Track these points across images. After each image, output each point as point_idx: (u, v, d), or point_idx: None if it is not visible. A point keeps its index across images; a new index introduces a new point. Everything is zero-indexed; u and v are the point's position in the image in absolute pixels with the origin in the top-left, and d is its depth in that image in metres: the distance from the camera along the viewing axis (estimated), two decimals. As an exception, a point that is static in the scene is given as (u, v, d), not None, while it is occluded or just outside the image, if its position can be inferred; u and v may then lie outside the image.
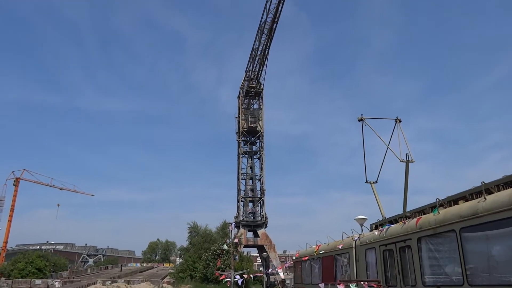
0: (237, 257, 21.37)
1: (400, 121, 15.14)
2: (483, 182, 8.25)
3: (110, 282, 37.95)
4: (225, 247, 26.80)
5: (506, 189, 7.82)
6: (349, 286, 10.01)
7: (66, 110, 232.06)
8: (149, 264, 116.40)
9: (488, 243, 8.00)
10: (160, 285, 37.10)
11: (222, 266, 34.69)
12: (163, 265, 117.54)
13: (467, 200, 8.92)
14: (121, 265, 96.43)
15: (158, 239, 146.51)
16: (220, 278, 12.36)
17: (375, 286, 10.04)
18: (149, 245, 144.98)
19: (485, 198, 7.83)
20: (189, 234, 63.11)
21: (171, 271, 62.72)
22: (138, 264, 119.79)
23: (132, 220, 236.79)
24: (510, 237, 7.06)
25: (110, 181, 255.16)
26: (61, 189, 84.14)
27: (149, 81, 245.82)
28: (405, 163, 13.60)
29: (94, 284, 34.00)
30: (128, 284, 36.57)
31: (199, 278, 42.92)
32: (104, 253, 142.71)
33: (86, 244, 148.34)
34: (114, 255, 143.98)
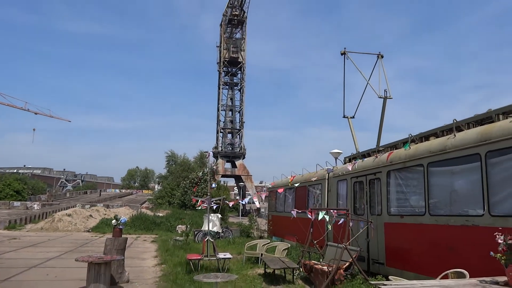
0: (214, 184, 21.98)
1: (382, 57, 15.03)
2: (455, 119, 8.48)
3: (89, 206, 38.79)
4: (200, 174, 27.48)
5: (476, 127, 8.08)
6: (318, 213, 10.53)
7: (40, 31, 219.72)
8: (128, 191, 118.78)
9: (452, 177, 8.43)
10: (139, 210, 38.21)
11: (200, 193, 35.80)
12: (142, 191, 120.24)
13: (438, 137, 9.22)
14: (100, 191, 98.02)
15: (137, 167, 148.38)
16: (198, 205, 12.74)
17: (343, 213, 10.60)
18: (128, 172, 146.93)
19: (454, 135, 8.10)
20: (167, 162, 63.94)
21: (150, 197, 64.42)
22: (117, 190, 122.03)
23: (111, 147, 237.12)
24: (474, 173, 7.42)
25: (89, 108, 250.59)
26: (36, 113, 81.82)
27: (127, 4, 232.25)
28: (382, 99, 13.75)
29: (73, 207, 34.70)
30: (107, 208, 37.51)
31: (177, 205, 44.31)
32: (82, 179, 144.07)
33: (64, 169, 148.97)
34: (93, 181, 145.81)
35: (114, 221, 9.95)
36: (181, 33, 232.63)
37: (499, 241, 5.51)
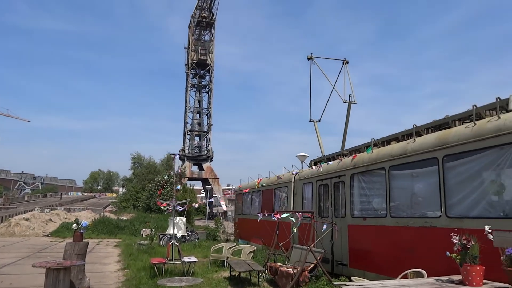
0: (179, 186, 21.70)
1: (347, 63, 15.40)
2: (415, 125, 8.80)
3: (49, 209, 37.31)
4: (166, 177, 27.03)
5: (434, 132, 8.41)
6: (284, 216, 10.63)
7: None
8: (91, 194, 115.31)
9: (412, 180, 8.74)
10: (102, 213, 37.13)
11: (165, 196, 35.20)
12: (106, 194, 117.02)
13: (399, 141, 9.53)
14: (61, 194, 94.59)
15: (99, 169, 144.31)
16: (161, 206, 12.54)
17: (308, 216, 10.74)
18: (91, 174, 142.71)
19: (414, 139, 8.41)
20: (132, 164, 62.54)
21: (114, 200, 62.72)
22: (79, 193, 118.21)
23: (73, 149, 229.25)
24: (432, 176, 7.72)
25: (49, 108, 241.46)
26: (-8, 112, 78.07)
27: (92, 1, 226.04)
28: (347, 104, 14.07)
29: (31, 211, 33.26)
30: (68, 212, 36.21)
31: (142, 208, 43.39)
32: (42, 181, 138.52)
33: (22, 171, 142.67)
34: (53, 184, 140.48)
35: (74, 225, 9.61)
36: (148, 33, 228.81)
37: (455, 241, 5.75)
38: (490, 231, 5.62)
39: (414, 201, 8.57)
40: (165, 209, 12.57)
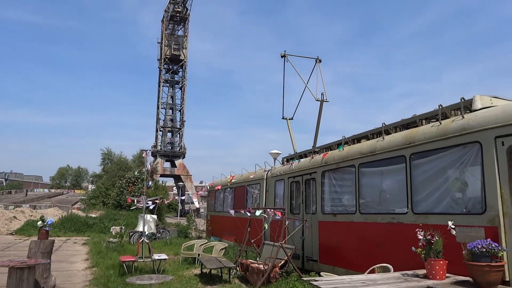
0: (150, 183, 21.44)
1: (320, 61, 15.57)
2: (384, 123, 9.00)
3: (13, 206, 35.99)
4: (136, 173, 26.62)
5: (402, 130, 8.64)
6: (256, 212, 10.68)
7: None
8: (58, 190, 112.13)
9: (380, 178, 8.95)
10: (70, 210, 36.15)
11: (136, 193, 34.63)
12: (74, 191, 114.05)
13: (368, 139, 9.72)
14: (27, 190, 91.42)
15: (68, 165, 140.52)
16: (129, 201, 12.35)
17: (279, 213, 10.82)
18: (59, 171, 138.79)
19: (383, 138, 8.60)
20: (102, 160, 61.13)
21: (83, 197, 61.20)
22: (46, 190, 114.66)
23: (40, 144, 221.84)
24: (399, 173, 7.93)
25: (15, 101, 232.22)
26: (-48, 105, 74.36)
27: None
28: (320, 102, 14.24)
29: (-6, 208, 32.03)
30: (34, 209, 35.05)
31: (112, 205, 42.53)
32: (6, 177, 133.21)
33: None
34: (19, 180, 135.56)
35: (40, 222, 9.30)
36: (120, 26, 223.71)
37: (420, 236, 5.93)
38: (453, 226, 5.83)
39: (383, 198, 8.78)
40: (135, 206, 12.37)
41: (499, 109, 6.24)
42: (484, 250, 5.19)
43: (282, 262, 9.94)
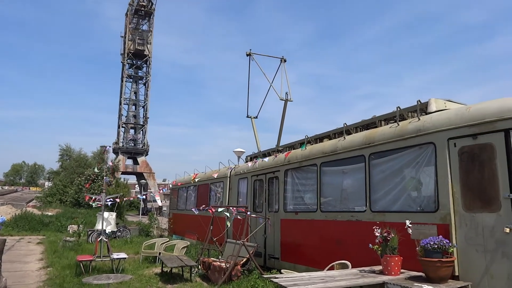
0: (107, 179, 20.83)
1: (285, 61, 15.70)
2: (345, 123, 9.22)
3: (-39, 204, 33.99)
4: (96, 170, 25.81)
5: (363, 131, 8.87)
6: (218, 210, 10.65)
7: None
8: (12, 187, 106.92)
9: (341, 176, 9.15)
10: (24, 208, 34.54)
11: (96, 191, 33.63)
12: (29, 188, 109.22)
13: (330, 139, 9.92)
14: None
15: (23, 161, 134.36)
16: (87, 199, 11.99)
17: (243, 211, 10.85)
18: (13, 167, 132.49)
19: (344, 137, 8.81)
20: (60, 157, 58.98)
21: (39, 195, 58.70)
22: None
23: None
24: (359, 172, 8.14)
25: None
26: None
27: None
28: (284, 101, 14.37)
29: None
30: (-15, 207, 33.24)
31: (70, 203, 41.11)
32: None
33: None
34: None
35: (-10, 221, 8.83)
36: (82, 18, 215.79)
37: (376, 234, 6.12)
38: (410, 225, 6.06)
39: (343, 196, 8.98)
40: (94, 204, 12.01)
41: (452, 112, 6.54)
42: (436, 246, 5.44)
43: (244, 260, 9.97)
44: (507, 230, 5.40)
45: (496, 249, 5.54)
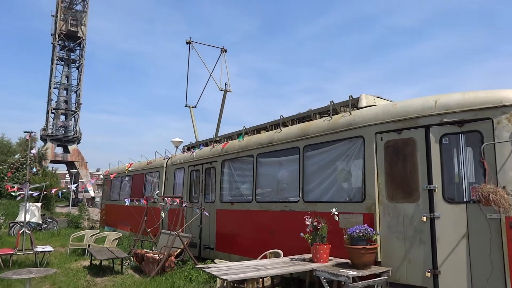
0: (34, 169, 19.50)
1: (225, 51, 15.63)
2: (282, 116, 9.39)
3: None
4: (17, 156, 24.02)
5: (298, 123, 9.09)
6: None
7: None
8: None
9: (277, 168, 9.32)
10: None
11: (21, 180, 31.27)
12: None
13: (267, 131, 10.06)
14: None
15: None
16: (9, 190, 11.14)
17: (178, 201, 10.69)
18: None
19: (280, 129, 8.97)
20: (-21, 144, 53.96)
21: (-47, 184, 53.41)
22: None
23: None
24: (294, 164, 8.34)
25: None
26: None
27: None
28: (223, 91, 14.32)
29: None
30: None
31: (-10, 193, 37.86)
32: None
33: None
34: None
35: None
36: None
37: (307, 223, 6.34)
38: (336, 213, 6.35)
39: (279, 187, 9.16)
40: (16, 194, 11.17)
41: (380, 108, 6.91)
42: (361, 234, 5.75)
43: (178, 251, 9.85)
44: (424, 218, 5.85)
45: (414, 236, 5.98)
